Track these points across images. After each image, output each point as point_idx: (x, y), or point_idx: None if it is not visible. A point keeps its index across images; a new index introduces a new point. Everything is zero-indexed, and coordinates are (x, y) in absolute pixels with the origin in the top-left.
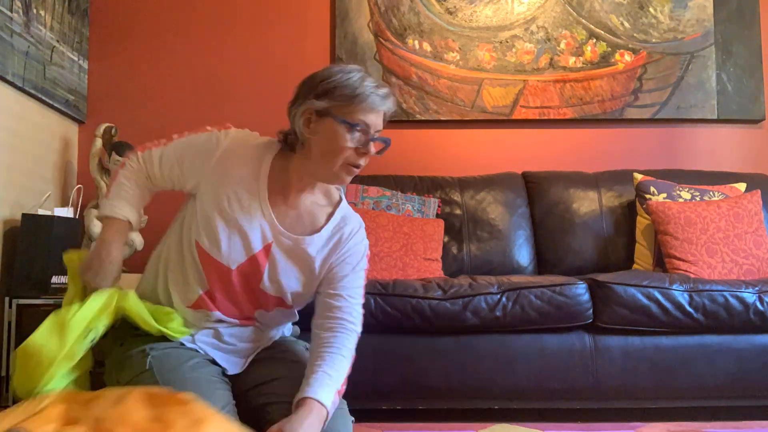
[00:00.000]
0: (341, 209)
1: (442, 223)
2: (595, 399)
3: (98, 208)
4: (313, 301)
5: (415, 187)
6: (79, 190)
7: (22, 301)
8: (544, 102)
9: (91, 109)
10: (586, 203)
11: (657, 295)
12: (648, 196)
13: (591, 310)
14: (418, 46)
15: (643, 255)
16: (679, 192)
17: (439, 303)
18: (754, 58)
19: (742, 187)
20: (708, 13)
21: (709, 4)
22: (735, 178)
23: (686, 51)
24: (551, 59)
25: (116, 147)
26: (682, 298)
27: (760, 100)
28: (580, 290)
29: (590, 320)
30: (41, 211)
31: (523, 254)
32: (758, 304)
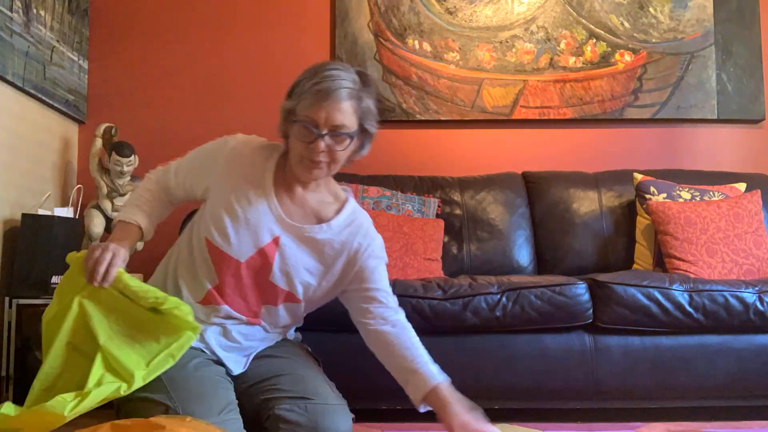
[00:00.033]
0: (350, 204)
1: (442, 223)
2: (595, 399)
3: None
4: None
5: (415, 187)
6: (79, 190)
7: (22, 301)
8: (544, 102)
9: (91, 109)
10: (586, 203)
11: (657, 295)
12: (648, 196)
13: (591, 310)
14: (418, 46)
15: (643, 255)
16: (679, 192)
17: (439, 303)
18: (754, 58)
19: (742, 187)
20: (708, 13)
21: (709, 4)
22: (735, 178)
23: (686, 51)
24: (551, 59)
25: (116, 147)
26: (682, 298)
27: (760, 100)
28: (580, 290)
29: (590, 320)
30: (41, 211)
31: (523, 254)
32: (758, 304)
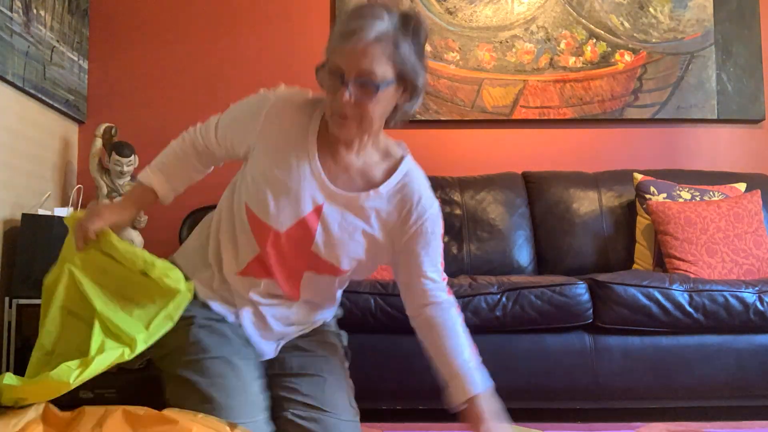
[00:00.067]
0: (405, 164)
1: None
2: (595, 399)
3: None
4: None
5: None
6: (79, 190)
7: (22, 301)
8: (544, 102)
9: (91, 109)
10: (586, 203)
11: (657, 295)
12: (648, 196)
13: (591, 310)
14: None
15: (643, 255)
16: (679, 192)
17: None
18: (754, 58)
19: (742, 187)
20: (708, 13)
21: (709, 4)
22: (735, 178)
23: (686, 51)
24: (551, 59)
25: (116, 147)
26: (682, 298)
27: (760, 100)
28: (580, 290)
29: (590, 320)
30: (41, 211)
31: (523, 254)
32: (758, 304)
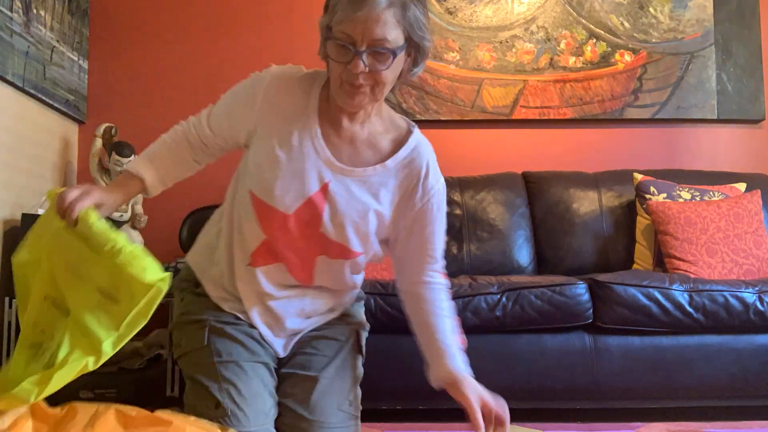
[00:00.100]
0: (414, 138)
1: None
2: (595, 399)
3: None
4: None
5: None
6: None
7: None
8: (544, 102)
9: (91, 109)
10: (586, 203)
11: (657, 295)
12: (648, 196)
13: (591, 310)
14: None
15: (643, 255)
16: (679, 192)
17: None
18: (754, 58)
19: (742, 187)
20: (708, 13)
21: (709, 4)
22: (735, 178)
23: (686, 51)
24: (551, 59)
25: (116, 147)
26: (682, 298)
27: (760, 100)
28: (580, 290)
29: (590, 320)
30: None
31: (523, 254)
32: (758, 304)
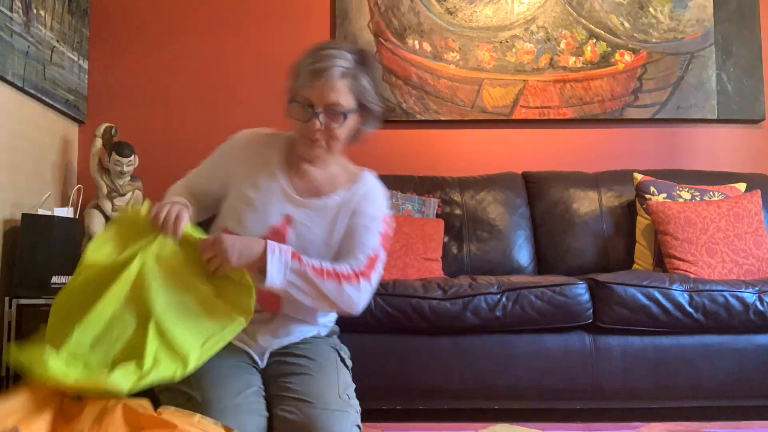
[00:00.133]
0: (367, 176)
1: (442, 223)
2: (595, 399)
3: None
4: None
5: (415, 187)
6: (79, 190)
7: (22, 301)
8: (544, 102)
9: (91, 109)
10: (586, 203)
11: (657, 295)
12: (648, 196)
13: (591, 310)
14: (418, 46)
15: (643, 255)
16: (679, 192)
17: (439, 303)
18: (754, 58)
19: (742, 187)
20: (708, 13)
21: (709, 4)
22: (735, 178)
23: (686, 51)
24: (551, 59)
25: (116, 147)
26: (682, 298)
27: (760, 100)
28: (580, 290)
29: (590, 320)
30: (41, 211)
31: (523, 254)
32: (758, 304)
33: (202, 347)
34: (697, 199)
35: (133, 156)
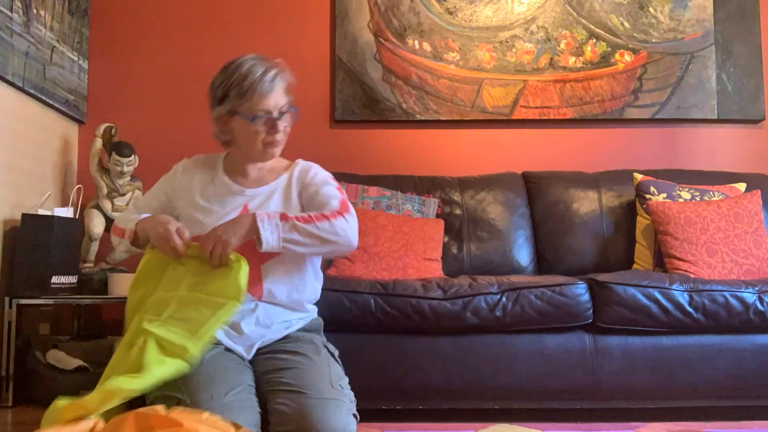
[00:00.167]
0: (298, 161)
1: (442, 223)
2: (595, 399)
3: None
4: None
5: (415, 187)
6: (79, 190)
7: (23, 301)
8: (544, 102)
9: (91, 109)
10: (586, 203)
11: (657, 295)
12: (648, 196)
13: (591, 310)
14: (418, 46)
15: (643, 255)
16: (679, 192)
17: (439, 303)
18: (754, 58)
19: (742, 187)
20: (708, 13)
21: (709, 4)
22: (735, 178)
23: (686, 51)
24: (551, 59)
25: (116, 147)
26: (682, 298)
27: (760, 100)
28: (580, 290)
29: (590, 320)
30: (41, 211)
31: (523, 254)
32: (758, 304)
33: (198, 334)
34: (697, 199)
35: (133, 156)
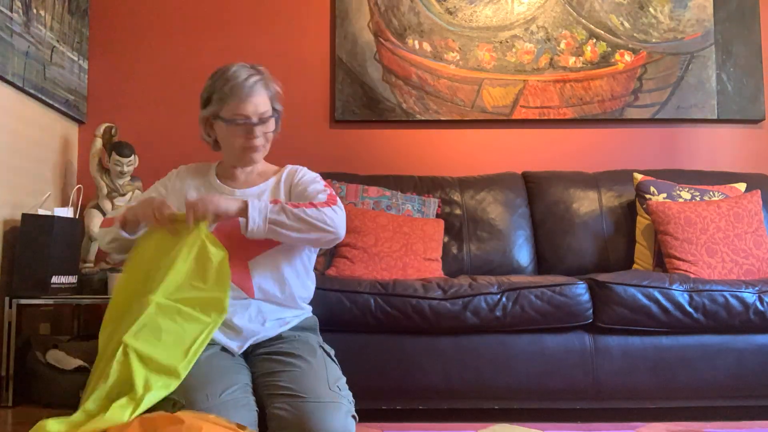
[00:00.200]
0: (286, 166)
1: (442, 223)
2: (595, 399)
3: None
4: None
5: (415, 187)
6: (79, 190)
7: (23, 301)
8: (544, 102)
9: (91, 109)
10: (586, 203)
11: (657, 295)
12: (648, 196)
13: (591, 310)
14: (418, 46)
15: (643, 255)
16: (679, 192)
17: (439, 303)
18: (754, 58)
19: (742, 187)
20: (708, 13)
21: (709, 4)
22: (735, 178)
23: (686, 51)
24: (551, 59)
25: (116, 147)
26: (682, 298)
27: (760, 100)
28: (580, 290)
29: (590, 320)
30: (41, 211)
31: (523, 254)
32: (758, 304)
33: (187, 354)
34: (697, 199)
35: (133, 156)
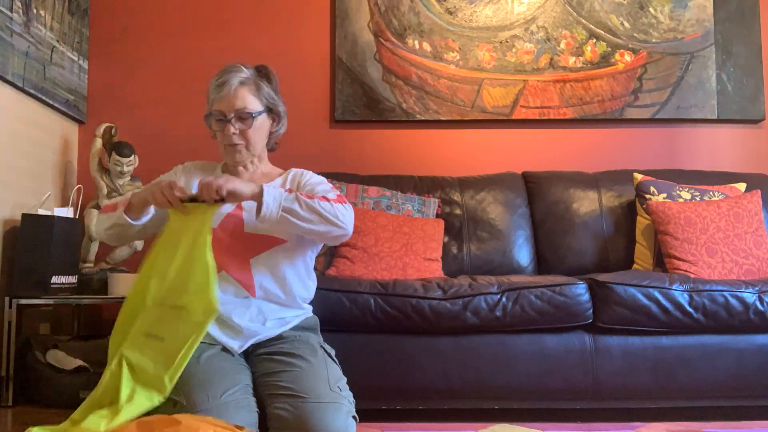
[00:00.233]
0: (291, 169)
1: (442, 223)
2: (595, 399)
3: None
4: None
5: (415, 187)
6: (79, 190)
7: (22, 301)
8: (544, 102)
9: (91, 109)
10: (586, 203)
11: (657, 295)
12: (648, 196)
13: (591, 310)
14: (418, 46)
15: (643, 255)
16: (679, 192)
17: (439, 303)
18: (754, 58)
19: (742, 187)
20: (708, 13)
21: (709, 4)
22: (735, 178)
23: (686, 51)
24: (551, 59)
25: (116, 147)
26: (682, 298)
27: (760, 100)
28: (580, 290)
29: (590, 320)
30: (41, 211)
31: (523, 254)
32: (758, 304)
33: (173, 365)
34: (697, 199)
35: (133, 156)
